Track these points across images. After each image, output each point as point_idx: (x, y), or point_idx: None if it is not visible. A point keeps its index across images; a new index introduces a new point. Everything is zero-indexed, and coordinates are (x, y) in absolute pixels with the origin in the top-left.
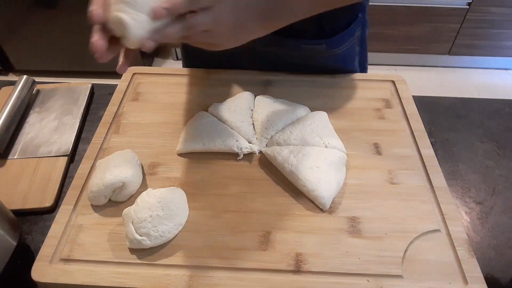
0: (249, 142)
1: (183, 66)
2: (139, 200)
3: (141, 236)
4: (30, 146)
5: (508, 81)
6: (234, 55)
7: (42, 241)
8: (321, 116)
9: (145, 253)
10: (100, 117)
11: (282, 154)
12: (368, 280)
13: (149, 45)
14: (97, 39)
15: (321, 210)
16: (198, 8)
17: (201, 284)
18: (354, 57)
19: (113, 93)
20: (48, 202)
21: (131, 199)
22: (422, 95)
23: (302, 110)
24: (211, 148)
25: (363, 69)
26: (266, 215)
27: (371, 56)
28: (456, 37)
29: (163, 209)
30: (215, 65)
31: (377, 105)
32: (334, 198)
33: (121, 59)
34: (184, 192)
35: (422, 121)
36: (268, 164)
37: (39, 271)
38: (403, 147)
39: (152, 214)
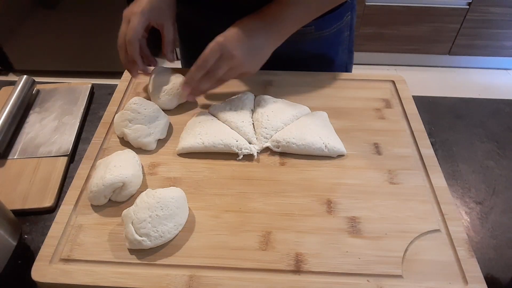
0: (249, 142)
1: (182, 67)
2: (138, 200)
3: (141, 236)
4: (30, 146)
5: (508, 81)
6: None
7: (42, 241)
8: (321, 116)
9: (145, 253)
10: (100, 117)
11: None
12: (368, 280)
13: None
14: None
15: (321, 209)
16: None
17: (201, 284)
18: (342, 41)
19: (113, 93)
20: (48, 202)
21: (131, 199)
22: (422, 95)
23: (302, 110)
24: (211, 148)
25: (351, 53)
26: (266, 215)
27: (371, 56)
28: (456, 37)
29: (162, 209)
30: None
31: (377, 105)
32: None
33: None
34: (184, 192)
35: (422, 121)
36: (268, 164)
37: (39, 271)
38: (403, 147)
39: (152, 214)
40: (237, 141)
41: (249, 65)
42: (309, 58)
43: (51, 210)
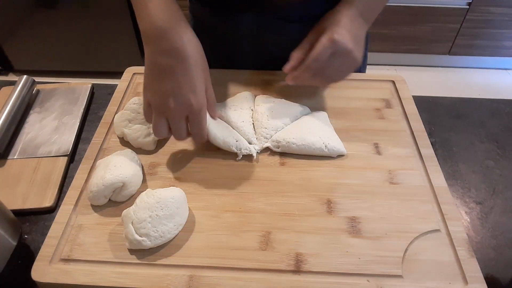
0: (249, 142)
1: None
2: (138, 200)
3: (141, 236)
4: (30, 146)
5: (508, 81)
6: (235, 54)
7: (42, 241)
8: (321, 116)
9: (145, 253)
10: (100, 117)
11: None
12: (368, 280)
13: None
14: None
15: (321, 209)
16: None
17: (201, 284)
18: None
19: (113, 93)
20: (48, 202)
21: (131, 199)
22: (422, 95)
23: (302, 110)
24: (211, 141)
25: (365, 57)
26: (266, 215)
27: (371, 56)
28: (456, 37)
29: (162, 209)
30: (215, 65)
31: (377, 105)
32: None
33: None
34: (184, 192)
35: (422, 121)
36: (268, 164)
37: (39, 271)
38: (403, 147)
39: (152, 214)
40: (237, 141)
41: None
42: None
43: (51, 210)
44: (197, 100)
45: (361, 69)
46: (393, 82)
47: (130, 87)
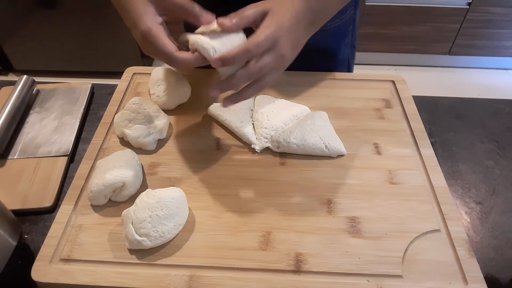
0: (249, 143)
1: None
2: (138, 200)
3: (141, 236)
4: (30, 146)
5: (508, 81)
6: None
7: (42, 241)
8: (321, 116)
9: (145, 253)
10: (100, 117)
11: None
12: (368, 280)
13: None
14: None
15: (321, 209)
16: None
17: (201, 284)
18: (346, 35)
19: (113, 93)
20: (48, 202)
21: (131, 199)
22: (422, 95)
23: (302, 110)
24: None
25: (353, 48)
26: (266, 215)
27: (371, 56)
28: (456, 37)
29: (162, 209)
30: None
31: (377, 105)
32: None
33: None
34: (183, 192)
35: (422, 121)
36: (268, 164)
37: (39, 271)
38: (403, 147)
39: (152, 214)
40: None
41: (286, 65)
42: (311, 51)
43: (51, 210)
44: (139, 29)
45: (349, 68)
46: (393, 82)
47: (130, 87)
